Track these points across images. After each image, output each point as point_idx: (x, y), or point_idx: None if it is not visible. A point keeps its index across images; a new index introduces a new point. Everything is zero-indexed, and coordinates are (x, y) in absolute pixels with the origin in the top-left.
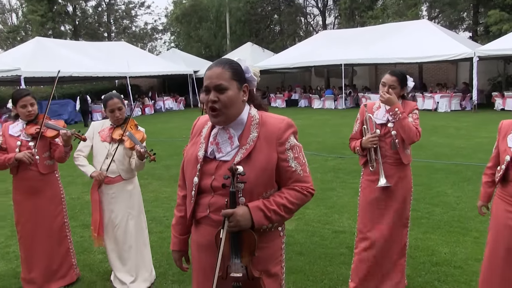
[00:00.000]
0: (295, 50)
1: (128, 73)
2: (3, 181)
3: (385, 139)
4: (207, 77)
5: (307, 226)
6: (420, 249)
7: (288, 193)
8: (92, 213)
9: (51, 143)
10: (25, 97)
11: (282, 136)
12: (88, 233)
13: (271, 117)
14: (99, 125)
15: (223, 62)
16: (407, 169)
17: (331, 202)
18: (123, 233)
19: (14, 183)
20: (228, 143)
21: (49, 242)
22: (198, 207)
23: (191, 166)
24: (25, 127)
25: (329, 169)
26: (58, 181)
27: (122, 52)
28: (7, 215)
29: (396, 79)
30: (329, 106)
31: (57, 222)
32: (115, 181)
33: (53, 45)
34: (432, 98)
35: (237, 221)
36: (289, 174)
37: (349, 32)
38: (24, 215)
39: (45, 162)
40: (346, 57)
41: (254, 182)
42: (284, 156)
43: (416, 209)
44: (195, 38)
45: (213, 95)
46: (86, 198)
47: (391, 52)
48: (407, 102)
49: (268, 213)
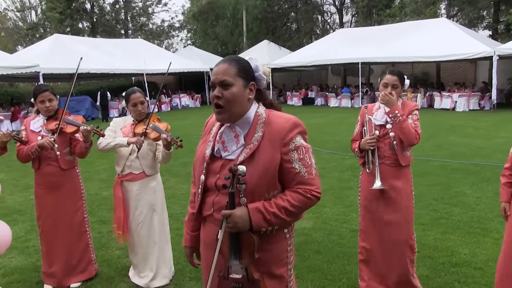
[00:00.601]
0: (311, 48)
1: (145, 70)
2: (24, 176)
3: (384, 140)
4: (213, 73)
5: (324, 225)
6: (439, 250)
7: (290, 196)
8: (115, 211)
9: (71, 138)
10: (44, 93)
11: (287, 136)
12: (105, 228)
13: (277, 117)
14: (121, 122)
15: (230, 59)
16: (407, 170)
17: (348, 201)
18: (147, 230)
19: (36, 178)
20: (234, 141)
21: (69, 237)
22: (204, 205)
23: (199, 164)
24: (45, 123)
25: (346, 168)
26: (78, 177)
27: (139, 49)
28: (27, 209)
29: (398, 78)
30: (346, 105)
31: (77, 217)
32: (138, 178)
33: (71, 42)
34: (450, 97)
35: (235, 223)
36: (292, 176)
37: (366, 30)
38: (45, 209)
39: (65, 158)
40: (363, 55)
41: (256, 183)
42: (288, 157)
43: (435, 209)
44: (211, 36)
45: (217, 90)
46: (104, 194)
47: (409, 51)
48: (407, 102)
49: (267, 215)
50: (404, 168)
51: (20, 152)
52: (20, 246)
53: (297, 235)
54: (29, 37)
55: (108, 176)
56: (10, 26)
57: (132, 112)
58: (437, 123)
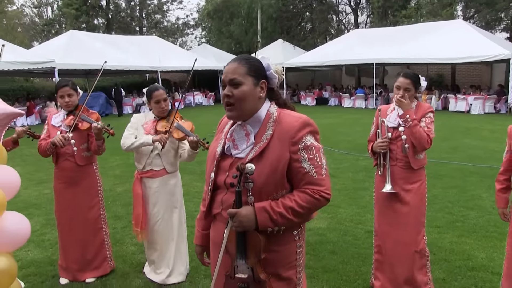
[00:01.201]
0: (326, 48)
1: (159, 67)
2: (38, 171)
3: (396, 142)
4: (224, 72)
5: (339, 225)
6: (455, 253)
7: (298, 196)
8: (134, 208)
9: (89, 135)
10: (64, 88)
11: (296, 135)
12: (120, 224)
13: (288, 115)
14: (142, 118)
15: (241, 58)
16: (420, 173)
17: (363, 202)
18: (166, 226)
19: (55, 172)
20: (244, 140)
21: (84, 233)
22: (214, 203)
23: (210, 162)
24: (65, 118)
25: (360, 168)
26: (95, 173)
27: (153, 46)
28: (42, 203)
29: (411, 81)
30: (360, 105)
31: (93, 213)
32: (159, 175)
33: (86, 38)
34: (465, 100)
35: (240, 222)
36: (301, 176)
37: (382, 31)
38: (62, 203)
39: (82, 154)
40: (378, 56)
41: (264, 182)
42: (297, 157)
43: (450, 212)
44: (226, 34)
45: (227, 89)
46: (118, 189)
47: (424, 52)
48: (421, 104)
49: (273, 215)
50: (417, 171)
51: (39, 147)
52: (36, 239)
53: (312, 235)
54: (45, 33)
55: (122, 172)
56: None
57: (155, 109)
58: (452, 125)
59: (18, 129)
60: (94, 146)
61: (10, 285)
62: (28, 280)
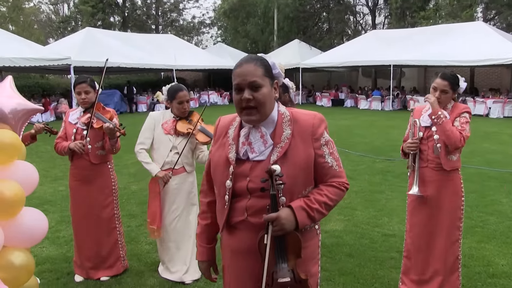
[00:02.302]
0: (343, 49)
1: (175, 66)
2: (53, 168)
3: (428, 142)
4: (238, 75)
5: (356, 228)
6: (474, 259)
7: (327, 190)
8: (150, 205)
9: (104, 133)
10: (81, 84)
11: (317, 131)
12: (135, 222)
13: (302, 113)
14: (159, 116)
15: (254, 58)
16: (454, 175)
17: (380, 205)
18: (184, 224)
19: (71, 169)
20: (261, 142)
21: (98, 231)
22: (233, 212)
23: (221, 170)
24: (81, 115)
25: (377, 171)
26: (109, 172)
27: (169, 45)
28: (57, 200)
29: (448, 83)
30: (376, 107)
31: (106, 212)
32: (178, 172)
33: (102, 36)
34: (484, 103)
35: (282, 225)
36: (326, 170)
37: (399, 32)
38: (77, 201)
39: (97, 152)
40: (395, 57)
41: (294, 181)
42: (320, 152)
43: (469, 216)
44: (242, 33)
45: (248, 93)
46: (133, 188)
47: (442, 54)
48: (458, 105)
49: (311, 212)
50: (451, 173)
51: (56, 147)
52: (51, 236)
53: (328, 237)
54: (61, 30)
55: (137, 170)
56: (43, 19)
57: (176, 109)
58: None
59: (36, 125)
60: (108, 145)
61: (27, 281)
62: (44, 277)
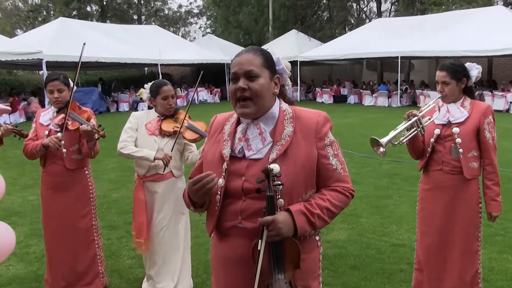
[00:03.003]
0: (345, 39)
1: (160, 60)
2: (22, 175)
3: (444, 142)
4: (235, 64)
5: (361, 237)
6: (495, 272)
7: (330, 195)
8: (135, 216)
9: (80, 135)
10: (53, 82)
11: (321, 130)
12: (115, 235)
13: (305, 111)
14: (143, 116)
15: (255, 49)
16: (473, 183)
17: (387, 212)
18: (171, 235)
19: (42, 176)
20: (259, 139)
21: (74, 245)
22: (225, 215)
23: (214, 167)
24: (54, 115)
25: (383, 174)
26: (87, 179)
27: (153, 37)
28: (27, 211)
29: (447, 73)
30: (382, 104)
31: (84, 223)
32: (165, 178)
33: (78, 27)
34: (504, 98)
35: (279, 229)
36: (330, 173)
37: (408, 20)
38: (50, 212)
39: (72, 157)
40: (403, 48)
41: (294, 182)
42: (324, 153)
43: (488, 224)
44: (234, 24)
45: (243, 82)
46: (113, 196)
47: (455, 44)
48: (477, 103)
49: (311, 218)
50: (470, 181)
51: (25, 148)
52: (20, 252)
53: (330, 247)
54: (30, 20)
55: (118, 176)
56: (9, 7)
57: (161, 106)
58: None
59: (4, 126)
60: (85, 148)
61: None
62: None
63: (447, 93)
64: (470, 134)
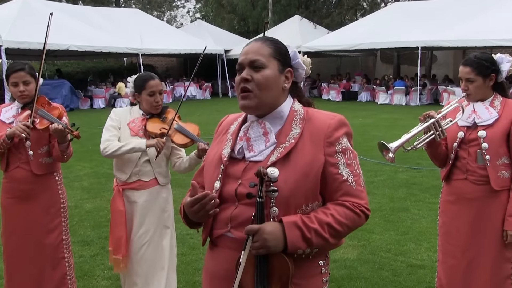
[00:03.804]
0: (356, 27)
1: (141, 50)
2: None
3: (469, 147)
4: (242, 53)
5: (373, 256)
6: None
7: (335, 210)
8: (112, 229)
9: (50, 135)
10: (17, 73)
11: (333, 134)
12: (89, 252)
13: (319, 113)
14: (125, 114)
15: (266, 39)
16: (503, 194)
17: (404, 227)
18: (155, 252)
19: (3, 182)
20: (262, 139)
21: (40, 263)
22: (217, 223)
23: (212, 169)
24: (19, 112)
25: (400, 183)
26: (57, 186)
27: (133, 22)
28: None
29: (471, 69)
30: (399, 102)
31: (52, 238)
32: (148, 186)
33: (43, 8)
34: None
35: (264, 240)
36: (338, 184)
37: (430, 4)
38: (11, 225)
39: (40, 160)
40: (424, 37)
41: (292, 190)
42: (333, 160)
43: None
44: (227, 8)
45: (246, 72)
46: (86, 206)
47: (486, 32)
48: (509, 102)
49: (307, 233)
50: (499, 193)
51: None
52: None
53: (337, 268)
54: None
55: (92, 183)
56: None
57: (146, 103)
58: None
59: None
60: (56, 150)
61: None
62: None
63: (472, 92)
64: (499, 139)
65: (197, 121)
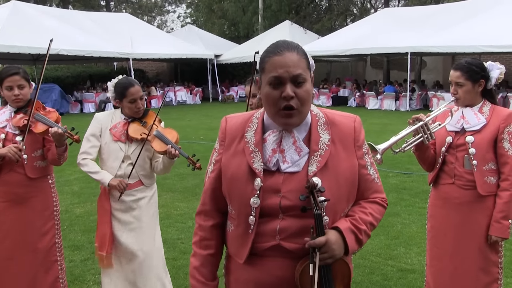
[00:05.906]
0: (346, 32)
1: (131, 54)
2: None
3: (456, 152)
4: (278, 65)
5: (364, 261)
6: None
7: (371, 208)
8: (98, 227)
9: (45, 139)
10: (12, 77)
11: (359, 137)
12: (79, 256)
13: (338, 115)
14: (107, 119)
15: (295, 46)
16: (489, 199)
17: (394, 231)
18: (149, 259)
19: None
20: (293, 149)
21: (32, 267)
22: (259, 237)
23: (242, 183)
24: (12, 116)
25: (390, 188)
26: (51, 189)
27: (124, 27)
28: None
29: (461, 74)
30: (389, 107)
31: (45, 242)
32: (134, 187)
33: (34, 13)
34: None
35: (333, 251)
36: (369, 184)
37: (420, 10)
38: (4, 228)
39: (35, 163)
40: (414, 43)
41: (337, 197)
42: (363, 162)
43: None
44: (218, 13)
45: (290, 88)
46: (77, 211)
47: (475, 38)
48: (498, 109)
49: (359, 235)
50: (486, 198)
51: None
52: None
53: None
54: None
55: (82, 188)
56: None
57: (128, 109)
58: None
59: None
60: (52, 154)
61: None
62: None
63: (461, 96)
64: (487, 144)
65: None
